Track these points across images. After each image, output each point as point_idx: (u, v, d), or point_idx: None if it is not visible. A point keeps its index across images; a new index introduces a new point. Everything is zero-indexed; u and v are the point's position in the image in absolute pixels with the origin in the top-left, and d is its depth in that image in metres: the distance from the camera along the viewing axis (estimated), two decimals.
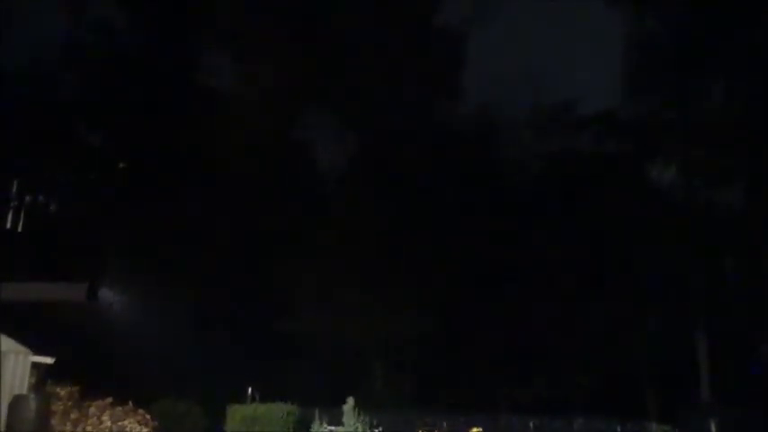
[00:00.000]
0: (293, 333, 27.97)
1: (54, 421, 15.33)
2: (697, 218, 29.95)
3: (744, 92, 30.11)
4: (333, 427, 18.88)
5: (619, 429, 23.76)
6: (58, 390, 15.82)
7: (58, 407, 15.50)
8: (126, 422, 16.04)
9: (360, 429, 18.41)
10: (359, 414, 18.74)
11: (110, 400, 16.28)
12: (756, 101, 29.36)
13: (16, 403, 14.02)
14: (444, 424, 19.58)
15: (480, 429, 18.83)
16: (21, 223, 14.16)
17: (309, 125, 32.98)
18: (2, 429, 13.42)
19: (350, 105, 32.26)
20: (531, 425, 23.39)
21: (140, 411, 16.54)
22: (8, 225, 14.02)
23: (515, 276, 31.42)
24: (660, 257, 29.56)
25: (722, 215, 31.13)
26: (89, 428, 15.60)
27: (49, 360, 15.84)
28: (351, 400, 18.89)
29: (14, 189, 14.94)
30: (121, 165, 23.95)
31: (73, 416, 15.62)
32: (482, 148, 33.72)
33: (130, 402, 16.56)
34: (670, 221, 30.28)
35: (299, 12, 30.48)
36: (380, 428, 19.32)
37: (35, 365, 15.52)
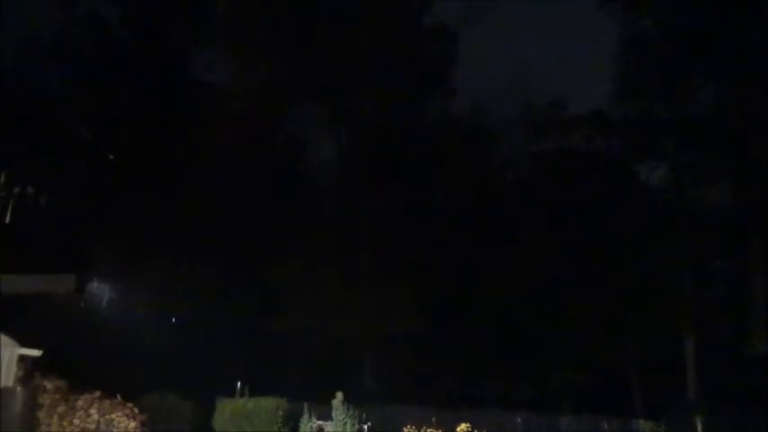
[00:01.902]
0: (283, 327, 27.92)
1: (41, 414, 15.21)
2: (686, 217, 30.14)
3: (734, 92, 30.35)
4: (322, 422, 18.89)
5: (606, 426, 23.87)
6: (45, 383, 15.68)
7: (44, 400, 15.37)
8: (114, 415, 15.91)
9: (349, 424, 18.43)
10: (348, 409, 18.77)
11: (97, 393, 16.14)
12: (746, 101, 29.65)
13: (2, 396, 13.89)
14: (433, 419, 19.62)
15: (468, 425, 18.84)
16: (8, 215, 14.09)
17: (300, 122, 33.00)
18: None
19: (341, 103, 32.29)
20: (519, 421, 23.46)
21: (128, 405, 16.40)
22: None
23: (505, 274, 31.48)
24: (649, 256, 29.73)
25: (711, 215, 31.37)
26: (76, 422, 15.46)
27: (35, 353, 15.71)
28: (340, 395, 18.92)
29: (2, 181, 14.82)
30: (111, 157, 23.89)
31: (60, 409, 15.46)
32: (473, 146, 33.81)
33: (118, 396, 16.43)
34: (659, 221, 30.50)
35: (292, 7, 30.47)
36: (369, 423, 19.33)
37: (22, 358, 15.39)
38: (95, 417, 15.75)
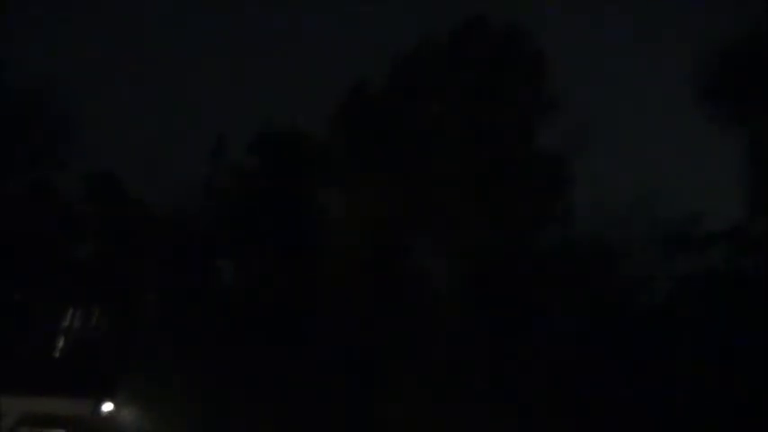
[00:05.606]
0: None
1: None
2: None
3: None
4: None
5: None
6: None
7: None
8: None
9: None
10: None
11: None
12: None
13: None
14: None
15: None
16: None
17: (413, 254, 33.74)
18: None
19: (452, 234, 32.69)
20: None
21: None
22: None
23: (645, 407, 28.81)
24: None
25: None
26: None
27: None
28: None
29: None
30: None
31: None
32: (596, 271, 32.21)
33: None
34: None
35: (401, 150, 32.29)
36: None
37: None
38: None
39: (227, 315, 32.97)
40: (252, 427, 29.64)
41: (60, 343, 24.20)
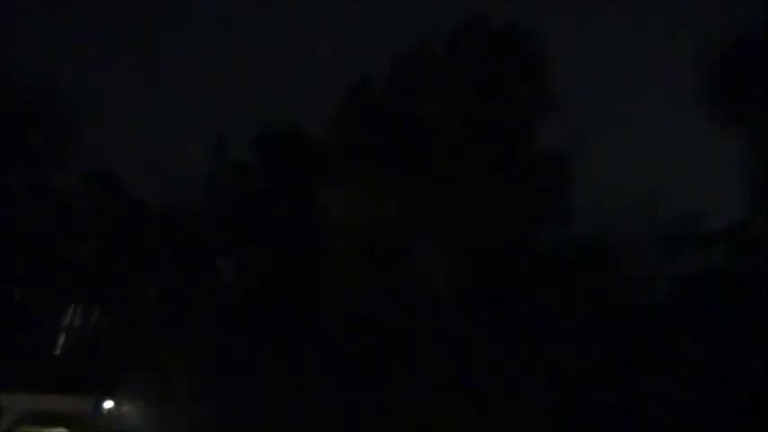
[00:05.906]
0: None
1: None
2: None
3: None
4: None
5: None
6: None
7: None
8: None
9: None
10: None
11: None
12: None
13: None
14: None
15: None
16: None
17: (413, 254, 33.75)
18: None
19: (452, 234, 32.70)
20: None
21: None
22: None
23: (644, 413, 28.81)
24: None
25: None
26: None
27: None
28: None
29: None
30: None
31: None
32: (596, 271, 32.25)
33: None
34: None
35: (401, 150, 32.34)
36: None
37: None
38: None
39: (227, 314, 33.02)
40: (252, 427, 29.68)
41: (61, 341, 24.57)
